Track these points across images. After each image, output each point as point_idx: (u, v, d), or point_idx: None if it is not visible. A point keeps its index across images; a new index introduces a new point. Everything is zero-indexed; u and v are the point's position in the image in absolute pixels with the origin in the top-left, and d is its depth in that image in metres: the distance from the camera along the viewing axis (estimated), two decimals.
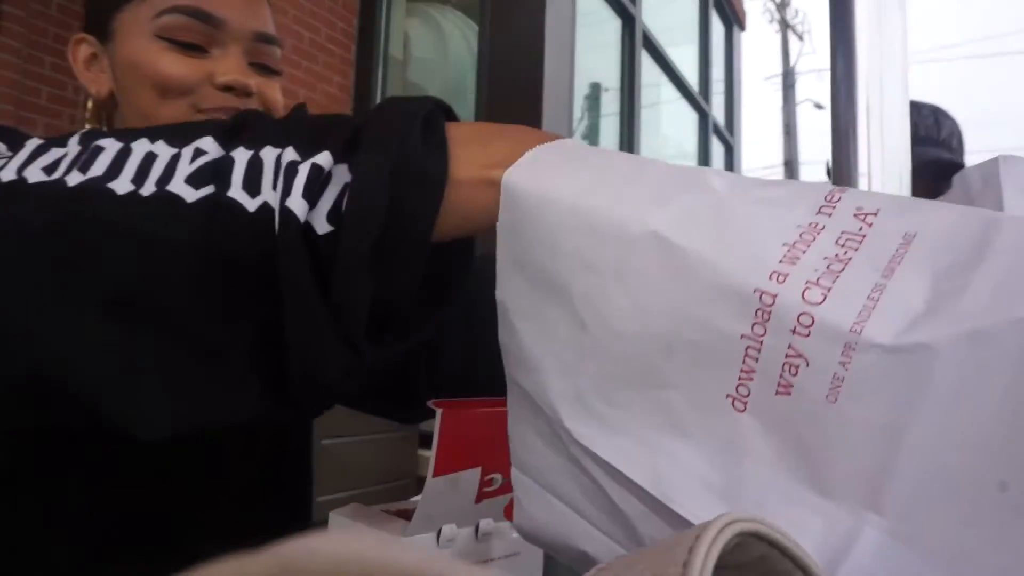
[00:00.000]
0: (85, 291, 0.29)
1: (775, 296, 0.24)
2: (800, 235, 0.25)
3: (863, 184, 0.46)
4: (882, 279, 0.23)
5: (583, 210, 0.28)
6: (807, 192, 0.26)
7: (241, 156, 0.31)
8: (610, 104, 3.51)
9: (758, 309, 0.24)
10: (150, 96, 0.56)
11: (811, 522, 0.23)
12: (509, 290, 0.30)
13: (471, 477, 0.43)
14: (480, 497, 0.44)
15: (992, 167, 0.55)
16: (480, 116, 2.57)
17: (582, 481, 0.28)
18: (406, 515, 0.45)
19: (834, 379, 0.23)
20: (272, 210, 0.29)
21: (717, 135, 4.99)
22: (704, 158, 4.72)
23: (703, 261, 0.25)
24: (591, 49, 3.34)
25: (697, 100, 4.58)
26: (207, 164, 0.30)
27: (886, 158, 0.46)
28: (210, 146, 0.31)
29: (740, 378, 0.24)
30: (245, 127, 0.32)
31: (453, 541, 0.43)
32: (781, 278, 0.24)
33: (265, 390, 0.32)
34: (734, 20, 5.49)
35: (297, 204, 0.29)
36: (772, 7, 11.85)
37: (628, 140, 3.38)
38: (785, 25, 11.81)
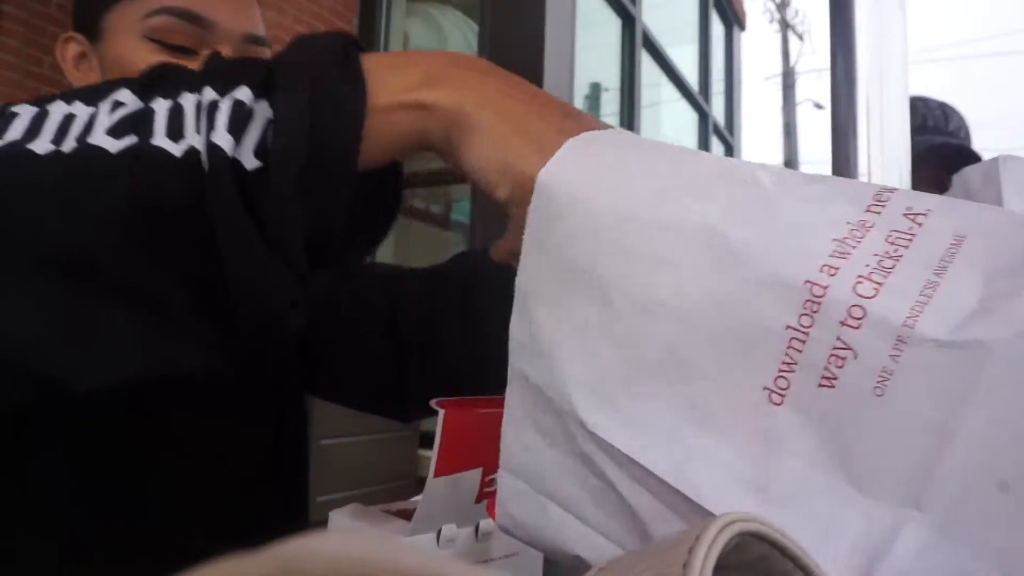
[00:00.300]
0: (14, 254, 0.29)
1: (826, 288, 0.24)
2: (850, 231, 0.25)
3: None
4: (935, 276, 0.23)
5: (626, 201, 0.28)
6: (856, 190, 0.26)
7: (161, 105, 0.31)
8: (610, 104, 3.51)
9: (807, 300, 0.24)
10: None
11: (849, 518, 0.23)
12: (531, 276, 0.30)
13: (472, 478, 0.43)
14: (481, 497, 0.44)
15: (992, 167, 0.55)
16: None
17: (589, 482, 0.28)
18: (406, 515, 0.45)
19: (883, 372, 0.23)
20: (198, 152, 0.29)
21: (717, 135, 4.98)
22: None
23: (751, 252, 0.25)
24: (591, 49, 3.34)
25: (697, 100, 4.58)
26: (127, 115, 0.30)
27: (886, 158, 0.46)
28: (127, 98, 0.31)
29: (780, 370, 0.24)
30: (160, 79, 0.33)
31: (453, 541, 0.43)
32: (832, 271, 0.24)
33: (213, 336, 0.32)
34: (734, 20, 5.49)
35: (223, 138, 0.29)
36: (772, 7, 11.85)
37: None
38: (785, 25, 11.81)
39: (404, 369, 0.64)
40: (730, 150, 5.26)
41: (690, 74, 4.50)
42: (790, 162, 11.37)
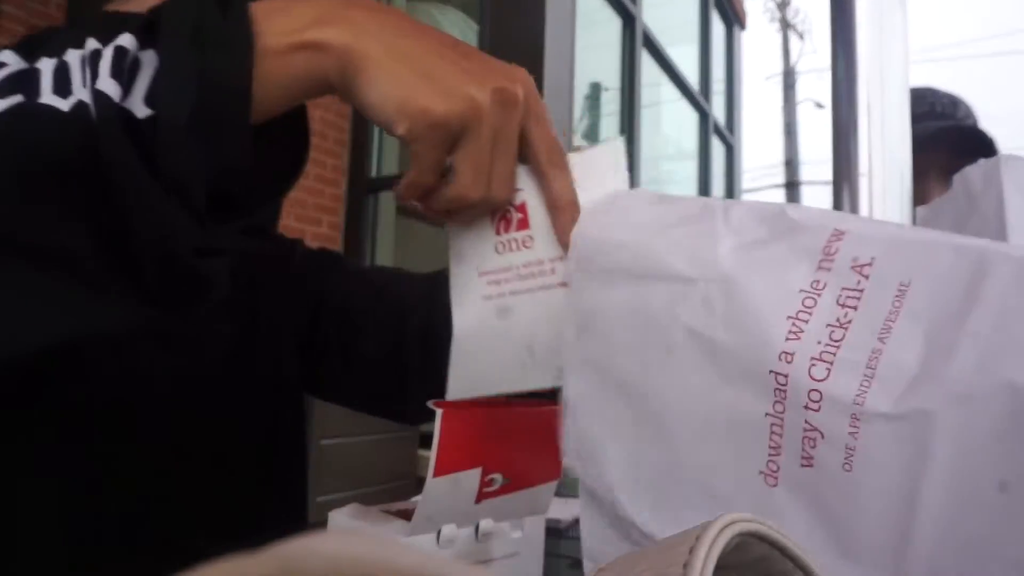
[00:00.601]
0: None
1: (787, 376, 0.26)
2: (803, 301, 0.27)
3: (864, 184, 0.46)
4: (879, 342, 0.25)
5: (629, 308, 0.31)
6: (807, 242, 0.28)
7: (46, 64, 0.30)
8: (610, 104, 3.51)
9: (776, 389, 0.26)
10: None
11: None
12: (576, 388, 0.33)
13: (471, 477, 0.43)
14: (480, 497, 0.44)
15: (992, 167, 0.55)
16: None
17: None
18: (406, 515, 0.45)
19: (847, 449, 0.24)
20: (87, 105, 0.29)
21: (717, 135, 4.98)
22: (704, 158, 4.72)
23: (724, 349, 0.28)
24: (591, 49, 3.34)
25: (697, 100, 4.58)
26: (11, 75, 0.30)
27: (886, 157, 0.46)
28: (10, 58, 0.31)
29: (769, 454, 0.26)
30: (45, 40, 0.32)
31: (453, 542, 0.43)
32: (789, 357, 0.26)
33: (129, 293, 0.31)
34: (734, 19, 5.49)
35: (108, 85, 0.29)
36: (772, 6, 11.85)
37: (628, 140, 3.38)
38: (785, 24, 11.80)
39: (404, 371, 0.64)
40: (730, 150, 5.26)
41: (690, 74, 4.50)
42: (791, 162, 11.36)
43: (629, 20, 3.46)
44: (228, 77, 0.30)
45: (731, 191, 5.21)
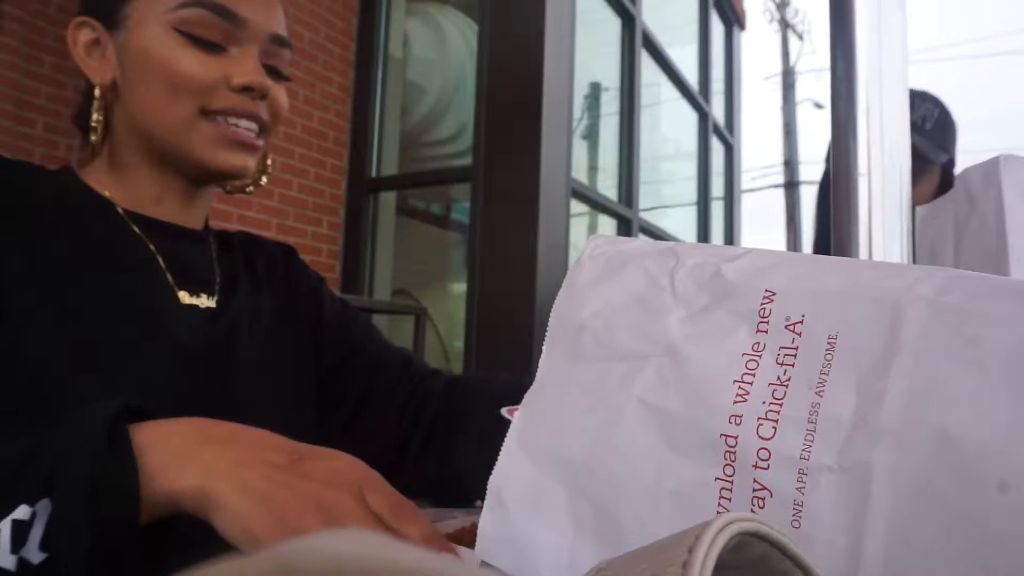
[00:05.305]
0: None
1: (736, 437, 0.27)
2: (746, 364, 0.28)
3: (863, 184, 0.46)
4: (817, 396, 0.26)
5: (584, 385, 0.32)
6: (743, 306, 0.30)
7: None
8: (610, 104, 3.51)
9: (726, 452, 0.27)
10: (159, 91, 0.55)
11: None
12: (508, 475, 0.33)
13: None
14: None
15: (992, 167, 0.55)
16: (480, 116, 2.56)
17: None
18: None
19: (795, 506, 0.25)
20: None
21: (717, 135, 4.98)
22: (704, 158, 4.72)
23: (676, 417, 0.29)
24: (591, 49, 3.34)
25: (697, 100, 4.57)
26: None
27: (886, 158, 0.46)
28: None
29: None
30: None
31: None
32: (738, 419, 0.27)
33: None
34: (734, 20, 5.49)
35: (6, 560, 0.32)
36: (772, 7, 11.85)
37: (628, 140, 3.38)
38: (785, 25, 11.80)
39: (404, 447, 0.67)
40: (730, 150, 5.26)
41: (690, 74, 4.49)
42: (790, 162, 11.36)
43: (629, 20, 3.46)
44: (118, 528, 0.34)
45: (731, 191, 5.21)
